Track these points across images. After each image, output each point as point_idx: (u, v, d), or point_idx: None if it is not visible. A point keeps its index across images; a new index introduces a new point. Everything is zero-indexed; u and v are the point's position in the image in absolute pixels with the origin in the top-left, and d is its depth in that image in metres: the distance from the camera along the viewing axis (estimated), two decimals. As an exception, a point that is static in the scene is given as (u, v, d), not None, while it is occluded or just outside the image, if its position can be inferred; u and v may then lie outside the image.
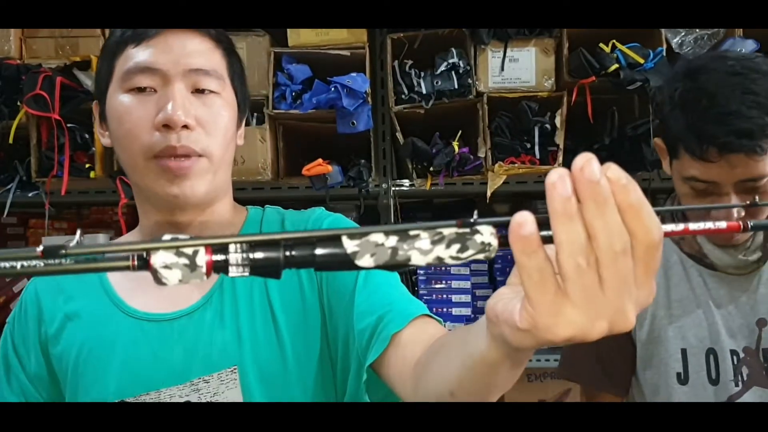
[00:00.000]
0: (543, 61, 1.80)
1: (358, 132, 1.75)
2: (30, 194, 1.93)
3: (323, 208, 0.91)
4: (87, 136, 1.85)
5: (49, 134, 1.82)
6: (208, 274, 0.42)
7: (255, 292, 0.84)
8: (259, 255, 0.43)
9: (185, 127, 0.76)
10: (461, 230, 0.44)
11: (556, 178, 0.38)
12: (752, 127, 0.92)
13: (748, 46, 1.68)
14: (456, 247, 0.44)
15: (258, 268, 0.43)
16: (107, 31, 1.86)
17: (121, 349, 0.81)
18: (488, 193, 1.78)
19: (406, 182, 1.94)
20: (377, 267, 0.44)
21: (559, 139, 1.77)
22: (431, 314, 0.77)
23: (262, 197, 1.92)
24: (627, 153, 1.80)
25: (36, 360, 0.85)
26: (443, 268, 2.01)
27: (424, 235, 0.44)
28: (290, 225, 0.89)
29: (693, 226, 0.45)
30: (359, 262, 0.43)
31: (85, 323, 0.84)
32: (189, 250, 0.42)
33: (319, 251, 0.43)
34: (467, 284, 2.01)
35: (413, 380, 0.67)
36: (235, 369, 0.80)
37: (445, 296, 1.98)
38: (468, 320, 1.95)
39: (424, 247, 0.44)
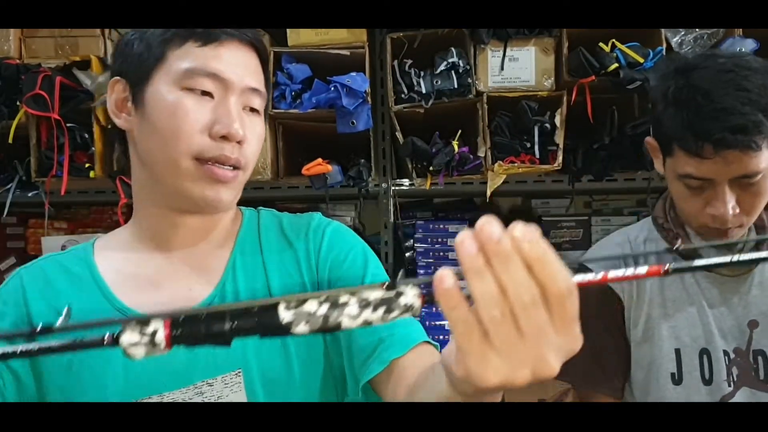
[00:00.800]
0: (543, 60, 1.80)
1: (358, 131, 1.75)
2: (30, 194, 1.93)
3: (320, 214, 0.91)
4: (86, 135, 1.85)
5: (48, 134, 1.82)
6: (167, 346, 0.48)
7: (258, 293, 0.83)
8: (209, 327, 0.48)
9: (239, 141, 0.78)
10: (386, 294, 0.48)
11: (463, 239, 0.43)
12: (746, 123, 0.93)
13: (748, 45, 1.68)
14: (382, 309, 0.48)
15: (209, 338, 0.49)
16: (107, 32, 1.86)
17: (119, 351, 0.79)
18: (488, 193, 1.78)
19: (406, 182, 1.94)
20: (312, 332, 0.49)
21: (559, 138, 1.77)
22: (430, 340, 0.80)
23: (262, 197, 1.92)
24: (627, 152, 1.80)
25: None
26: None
27: (352, 301, 0.48)
28: (288, 228, 0.89)
29: (611, 273, 0.47)
30: (295, 330, 0.48)
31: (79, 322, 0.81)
32: (150, 329, 0.48)
33: (259, 321, 0.49)
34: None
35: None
36: (239, 372, 0.79)
37: (444, 296, 1.98)
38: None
39: (352, 313, 0.48)
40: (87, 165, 1.84)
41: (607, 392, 1.15)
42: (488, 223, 0.42)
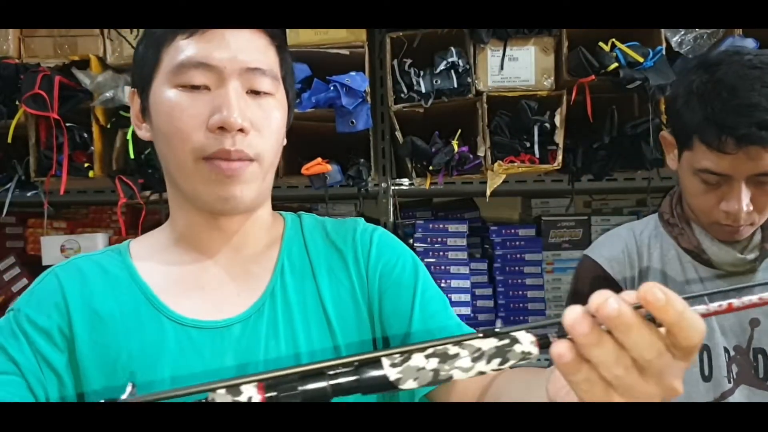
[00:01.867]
0: (542, 59, 1.80)
1: (358, 131, 1.75)
2: (29, 194, 1.93)
3: (363, 220, 0.88)
4: (86, 135, 1.85)
5: (47, 134, 1.82)
6: None
7: (308, 299, 0.80)
8: (308, 386, 0.46)
9: (240, 130, 0.73)
10: (500, 343, 0.47)
11: (573, 320, 0.43)
12: None
13: (748, 44, 1.68)
14: (497, 360, 0.47)
15: (308, 398, 0.46)
16: (106, 31, 1.85)
17: (167, 358, 0.74)
18: (488, 192, 1.78)
19: (406, 181, 1.94)
20: (421, 387, 0.47)
21: (559, 138, 1.77)
22: None
23: (261, 196, 1.92)
24: (627, 152, 1.80)
25: (59, 352, 0.75)
26: (443, 268, 2.01)
27: (463, 353, 0.46)
28: (334, 233, 0.85)
29: (737, 302, 0.47)
30: (403, 387, 0.47)
31: (122, 326, 0.76)
32: (243, 397, 0.45)
33: (362, 379, 0.47)
34: (467, 284, 2.01)
35: None
36: None
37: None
38: (468, 320, 1.95)
39: (465, 365, 0.47)
40: (86, 165, 1.84)
41: None
42: (605, 302, 0.42)
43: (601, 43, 1.74)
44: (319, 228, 0.87)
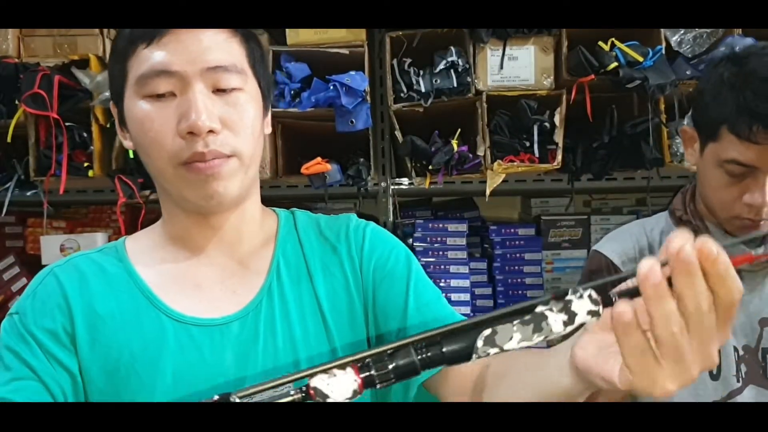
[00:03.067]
0: (542, 59, 1.80)
1: (357, 130, 1.74)
2: (28, 193, 1.93)
3: (355, 215, 0.89)
4: (85, 134, 1.85)
5: (47, 133, 1.81)
6: (360, 390, 0.50)
7: (304, 296, 0.81)
8: (399, 362, 0.50)
9: (211, 131, 0.73)
10: (574, 331, 0.50)
11: (648, 270, 0.45)
12: None
13: (747, 44, 1.68)
14: (571, 327, 0.50)
15: (400, 376, 0.50)
16: (105, 31, 1.85)
17: (169, 356, 0.75)
18: (487, 192, 1.78)
19: (405, 181, 1.94)
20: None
21: (559, 137, 1.77)
22: None
23: (261, 195, 1.91)
24: (626, 151, 1.80)
25: (68, 352, 0.76)
26: (442, 267, 2.01)
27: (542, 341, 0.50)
28: (327, 229, 0.86)
29: None
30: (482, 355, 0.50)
31: (122, 325, 0.76)
32: (342, 378, 0.49)
33: (448, 350, 0.50)
34: (467, 283, 2.01)
35: (473, 399, 0.71)
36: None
37: (444, 295, 1.97)
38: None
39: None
40: (86, 164, 1.84)
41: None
42: (685, 247, 0.45)
43: (600, 43, 1.74)
44: (312, 225, 0.88)
